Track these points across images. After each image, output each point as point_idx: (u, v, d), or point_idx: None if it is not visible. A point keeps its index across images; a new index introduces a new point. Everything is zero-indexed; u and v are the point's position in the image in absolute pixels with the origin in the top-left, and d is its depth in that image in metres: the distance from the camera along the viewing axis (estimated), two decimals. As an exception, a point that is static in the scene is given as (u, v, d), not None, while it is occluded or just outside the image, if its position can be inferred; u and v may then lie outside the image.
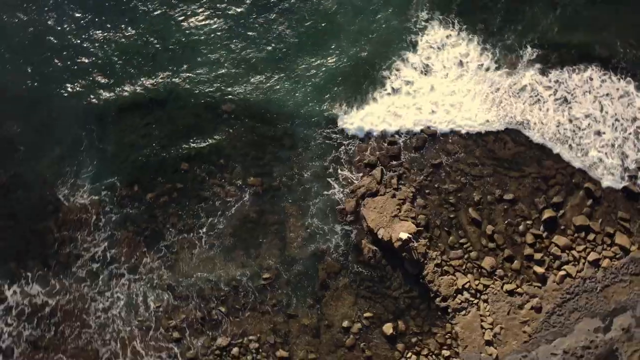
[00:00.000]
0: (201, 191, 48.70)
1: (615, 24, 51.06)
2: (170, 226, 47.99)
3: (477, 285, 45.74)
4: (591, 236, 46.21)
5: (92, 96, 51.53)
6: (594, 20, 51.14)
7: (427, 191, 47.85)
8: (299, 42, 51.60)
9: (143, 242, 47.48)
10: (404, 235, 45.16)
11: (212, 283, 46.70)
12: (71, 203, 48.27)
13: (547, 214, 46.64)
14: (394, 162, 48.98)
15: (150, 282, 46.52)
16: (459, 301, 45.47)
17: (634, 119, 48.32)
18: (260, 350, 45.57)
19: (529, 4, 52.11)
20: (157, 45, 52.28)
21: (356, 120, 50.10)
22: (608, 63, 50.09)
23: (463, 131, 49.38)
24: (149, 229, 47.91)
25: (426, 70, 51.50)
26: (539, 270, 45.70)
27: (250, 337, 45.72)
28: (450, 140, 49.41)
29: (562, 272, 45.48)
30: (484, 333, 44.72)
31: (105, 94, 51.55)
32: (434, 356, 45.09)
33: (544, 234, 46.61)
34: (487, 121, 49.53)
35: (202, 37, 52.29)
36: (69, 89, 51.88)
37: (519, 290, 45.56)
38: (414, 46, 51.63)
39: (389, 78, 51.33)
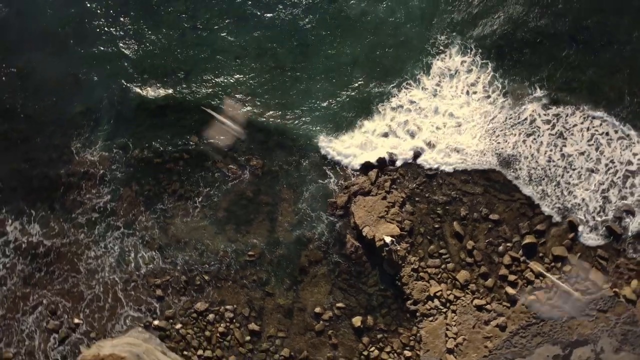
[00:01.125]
0: (205, 164, 51.32)
1: (629, 69, 52.17)
2: (171, 192, 50.78)
3: (448, 295, 47.57)
4: (567, 268, 47.67)
5: (118, 64, 54.46)
6: (609, 62, 51.98)
7: (417, 199, 49.83)
8: (318, 43, 53.43)
9: (142, 202, 50.43)
10: (387, 239, 47.25)
11: (200, 251, 49.43)
12: (82, 156, 51.40)
13: (529, 239, 48.26)
14: (391, 167, 51.15)
15: (143, 239, 49.44)
16: (429, 307, 47.34)
17: (629, 162, 49.63)
18: (234, 320, 48.07)
19: (548, 38, 52.96)
20: (186, 24, 55.14)
21: (356, 136, 51.98)
22: (614, 106, 51.23)
23: (449, 168, 50.40)
24: (151, 191, 50.79)
25: (435, 94, 52.55)
26: (511, 291, 47.37)
27: (227, 307, 48.31)
28: (447, 155, 51.46)
29: (533, 297, 47.09)
30: (447, 341, 46.54)
31: (131, 64, 54.38)
32: (395, 354, 47.07)
33: (522, 258, 48.22)
34: (482, 151, 50.94)
35: (230, 33, 54.40)
36: (98, 55, 54.83)
37: (487, 307, 47.28)
38: (428, 68, 52.75)
39: (397, 95, 52.51)
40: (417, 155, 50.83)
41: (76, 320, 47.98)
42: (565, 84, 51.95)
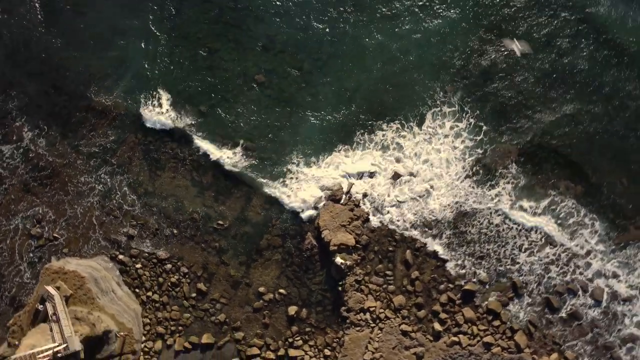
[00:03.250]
0: (206, 134, 56.02)
1: (618, 159, 54.24)
2: (169, 149, 55.72)
3: (380, 313, 51.19)
4: (496, 323, 50.69)
5: (154, 28, 58.58)
6: (600, 146, 54.12)
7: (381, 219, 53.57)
8: (333, 59, 56.77)
9: (141, 150, 55.55)
10: (339, 260, 51.10)
11: (176, 206, 54.27)
12: (102, 96, 56.47)
13: (469, 286, 51.44)
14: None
15: (128, 180, 54.63)
16: (360, 318, 51.04)
17: (581, 247, 52.14)
18: (187, 276, 52.85)
19: (547, 113, 54.80)
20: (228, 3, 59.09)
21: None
22: (590, 192, 53.30)
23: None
24: (151, 144, 55.63)
25: (420, 142, 54.86)
26: (438, 327, 50.69)
27: (184, 263, 53.11)
28: (421, 187, 54.87)
29: (455, 339, 50.35)
30: (365, 353, 50.22)
31: (165, 30, 58.51)
32: (316, 350, 51.10)
33: (458, 301, 51.45)
34: (449, 206, 53.50)
35: (263, 23, 57.77)
36: (138, 17, 58.88)
37: (412, 334, 50.76)
38: (421, 120, 55.10)
39: (384, 132, 55.03)
40: (397, 175, 54.22)
41: (55, 234, 53.64)
42: (548, 157, 54.13)
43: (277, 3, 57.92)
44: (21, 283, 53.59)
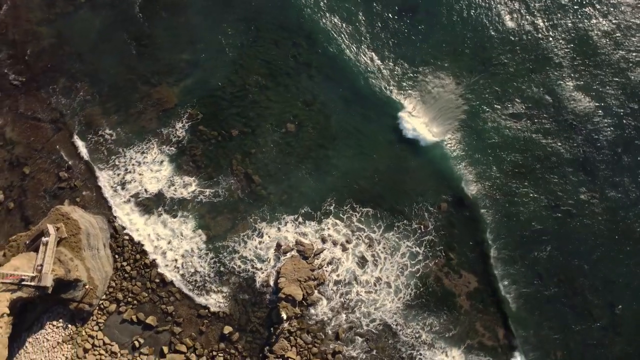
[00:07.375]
0: (224, 156, 63.47)
1: (562, 332, 57.88)
2: (191, 155, 63.54)
3: (295, 367, 57.69)
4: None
5: (226, 50, 66.90)
6: (553, 313, 58.35)
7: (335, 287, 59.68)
8: (350, 136, 63.69)
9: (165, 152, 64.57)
10: (284, 315, 57.50)
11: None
12: (161, 89, 64.96)
13: (380, 379, 57.12)
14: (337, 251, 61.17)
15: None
16: (277, 362, 57.74)
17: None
18: (153, 272, 61.47)
19: (519, 264, 59.94)
20: (290, 55, 66.60)
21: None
22: (524, 351, 57.69)
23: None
24: (179, 147, 64.23)
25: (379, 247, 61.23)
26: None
27: (159, 261, 61.63)
28: (380, 279, 60.65)
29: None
30: (270, 394, 57.05)
31: (233, 56, 66.71)
32: (231, 372, 58.51)
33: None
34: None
35: (313, 80, 65.31)
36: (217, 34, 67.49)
37: (311, 399, 57.29)
38: (389, 227, 61.33)
39: (352, 214, 61.50)
40: (365, 260, 60.15)
41: (76, 183, 63.01)
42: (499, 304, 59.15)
43: (331, 67, 64.91)
44: (38, 206, 63.05)
